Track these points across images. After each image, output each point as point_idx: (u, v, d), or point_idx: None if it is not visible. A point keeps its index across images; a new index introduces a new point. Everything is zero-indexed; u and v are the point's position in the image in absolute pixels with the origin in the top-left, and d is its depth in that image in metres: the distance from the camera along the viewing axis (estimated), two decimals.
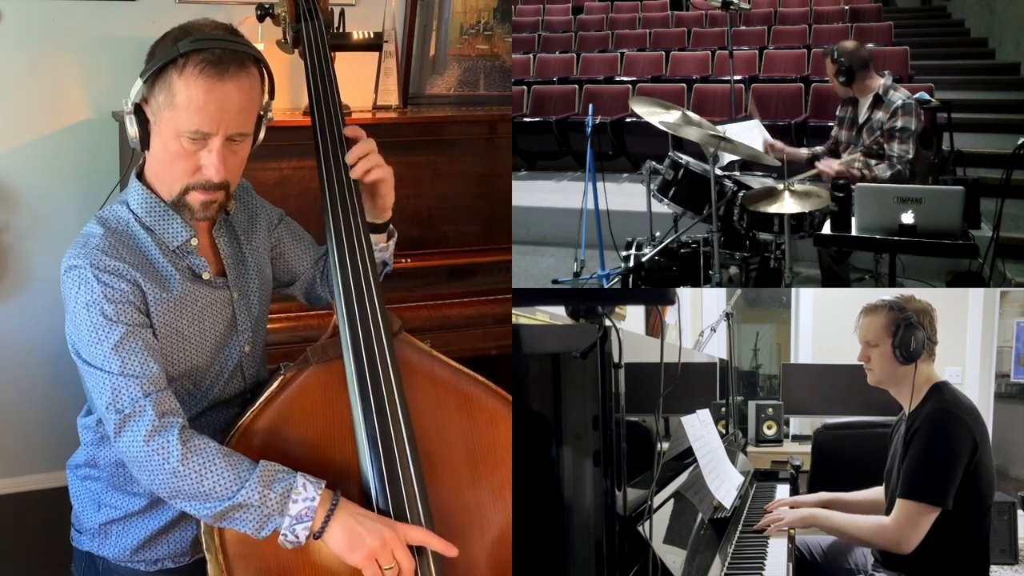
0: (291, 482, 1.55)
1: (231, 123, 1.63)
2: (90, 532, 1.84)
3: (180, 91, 1.60)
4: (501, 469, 1.73)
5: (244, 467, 1.56)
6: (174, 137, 1.63)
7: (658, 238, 3.76)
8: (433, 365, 1.80)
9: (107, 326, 1.60)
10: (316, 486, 1.56)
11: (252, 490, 1.53)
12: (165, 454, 1.55)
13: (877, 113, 3.69)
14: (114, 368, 1.59)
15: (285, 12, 1.99)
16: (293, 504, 1.53)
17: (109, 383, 1.59)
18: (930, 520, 2.13)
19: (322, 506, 1.55)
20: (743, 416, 4.26)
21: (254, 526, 1.54)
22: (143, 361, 1.60)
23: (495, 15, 3.90)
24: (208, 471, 1.54)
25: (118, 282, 1.62)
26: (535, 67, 7.19)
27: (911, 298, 2.32)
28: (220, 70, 1.59)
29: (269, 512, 1.53)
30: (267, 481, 1.54)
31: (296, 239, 2.00)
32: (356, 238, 1.76)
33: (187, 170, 1.66)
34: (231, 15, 3.18)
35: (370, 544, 1.54)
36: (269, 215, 1.96)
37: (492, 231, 3.51)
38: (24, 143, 3.32)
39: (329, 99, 1.85)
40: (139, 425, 1.57)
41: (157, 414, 1.57)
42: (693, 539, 2.05)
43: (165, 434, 1.56)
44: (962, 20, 8.33)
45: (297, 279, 2.02)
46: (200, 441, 1.57)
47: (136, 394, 1.58)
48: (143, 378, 1.59)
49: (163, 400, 1.60)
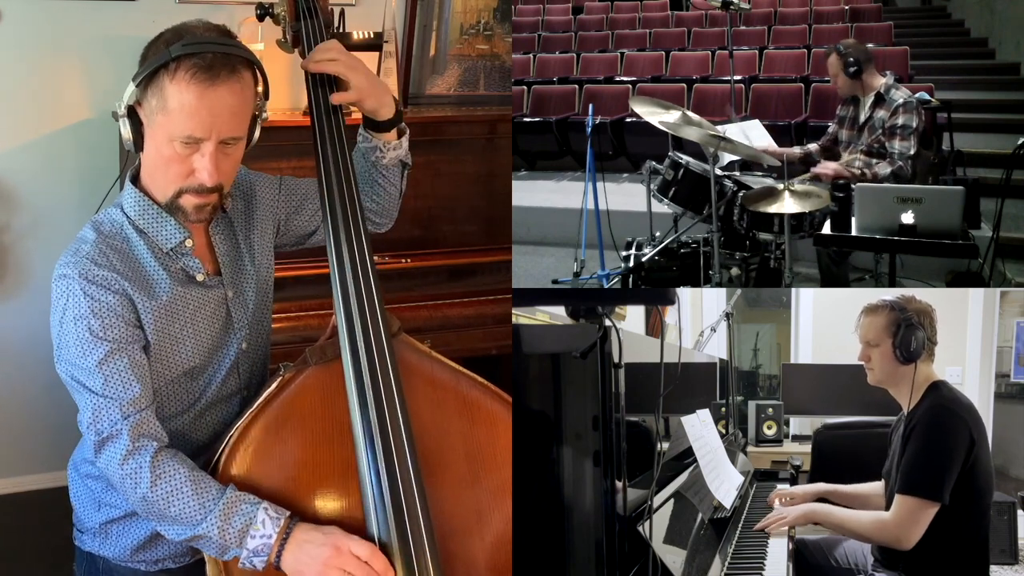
0: (251, 517, 1.57)
1: (224, 128, 1.64)
2: (91, 532, 1.84)
3: (172, 96, 1.60)
4: (500, 470, 1.73)
5: (210, 496, 1.59)
6: (167, 141, 1.63)
7: (658, 238, 3.76)
8: (432, 366, 1.79)
9: (93, 342, 1.61)
10: (275, 522, 1.58)
11: (212, 524, 1.57)
12: (137, 479, 1.59)
13: (879, 112, 3.70)
14: (96, 387, 1.61)
15: (284, 11, 1.99)
16: (251, 539, 1.57)
17: (91, 403, 1.61)
18: (929, 515, 2.13)
19: (277, 539, 1.58)
20: (743, 416, 4.26)
21: (216, 553, 1.61)
22: (125, 381, 1.62)
23: (495, 15, 3.90)
24: (175, 498, 1.58)
25: (106, 295, 1.63)
26: (535, 67, 7.19)
27: (911, 298, 2.33)
28: (211, 75, 1.59)
29: (227, 544, 1.58)
30: (228, 515, 1.57)
31: (301, 195, 1.98)
32: (355, 238, 1.76)
33: (180, 174, 1.66)
34: (232, 15, 3.20)
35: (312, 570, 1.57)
36: (269, 189, 1.94)
37: (492, 231, 3.51)
38: (24, 143, 3.32)
39: (327, 97, 1.85)
40: (115, 448, 1.60)
41: (132, 437, 1.60)
42: (693, 539, 2.05)
43: (138, 458, 1.60)
44: (962, 20, 8.34)
45: (318, 227, 2.00)
46: (171, 467, 1.60)
47: (115, 416, 1.60)
48: (123, 400, 1.61)
49: (141, 422, 1.62)
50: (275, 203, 1.94)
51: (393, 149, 1.95)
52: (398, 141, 1.95)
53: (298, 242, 2.02)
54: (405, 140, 1.97)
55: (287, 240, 1.99)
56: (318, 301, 3.03)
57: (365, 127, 1.93)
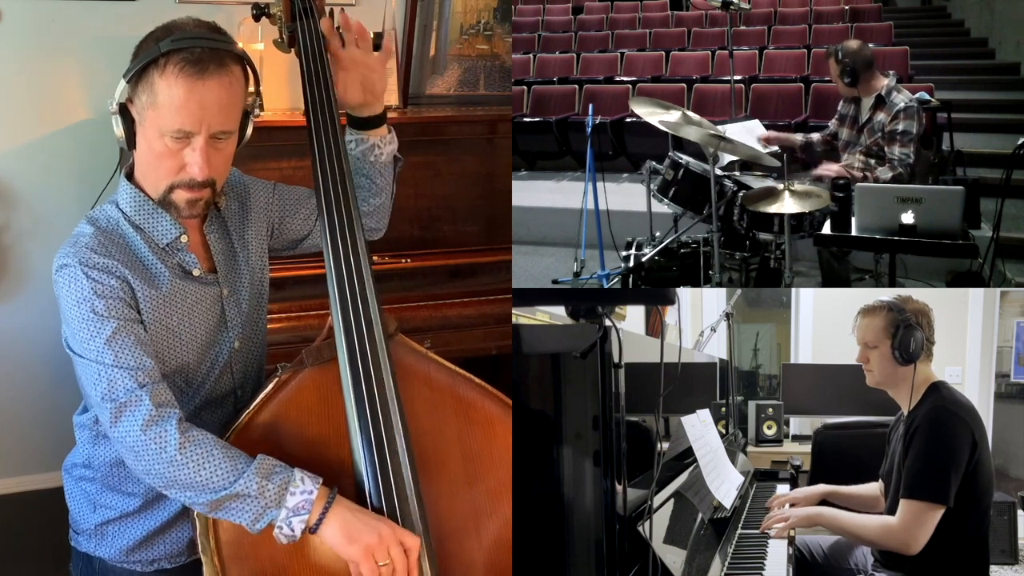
0: (289, 476, 1.56)
1: (213, 121, 1.64)
2: (87, 533, 1.84)
3: (162, 91, 1.61)
4: (497, 471, 1.73)
5: (241, 460, 1.56)
6: (158, 136, 1.64)
7: (658, 238, 3.76)
8: (429, 367, 1.79)
9: (98, 322, 1.60)
10: (314, 481, 1.56)
11: (250, 480, 1.53)
12: (162, 443, 1.55)
13: (879, 114, 3.69)
14: (108, 360, 1.59)
15: (280, 12, 1.99)
16: (291, 496, 1.54)
17: (104, 375, 1.59)
18: (935, 519, 2.13)
19: (319, 500, 1.55)
20: (743, 416, 4.25)
21: (251, 517, 1.55)
22: (136, 354, 1.61)
23: (495, 15, 3.90)
24: (206, 461, 1.55)
25: (107, 278, 1.63)
26: (535, 67, 7.19)
27: (909, 299, 2.32)
28: (200, 69, 1.60)
29: (266, 503, 1.54)
30: (265, 473, 1.55)
31: (294, 201, 1.99)
32: (351, 239, 1.76)
33: (172, 169, 1.67)
34: (231, 15, 3.19)
35: (367, 539, 1.54)
36: (262, 193, 1.95)
37: (492, 231, 3.51)
38: (24, 143, 3.32)
39: (323, 99, 1.85)
40: (136, 414, 1.57)
41: (154, 404, 1.58)
42: (693, 539, 2.05)
43: (163, 423, 1.57)
44: (962, 20, 8.33)
45: (311, 231, 2.01)
46: (198, 432, 1.58)
47: (131, 385, 1.58)
48: (138, 370, 1.60)
49: (159, 391, 1.60)
50: (269, 206, 1.95)
51: (388, 143, 1.97)
52: (390, 135, 1.97)
53: (290, 247, 2.03)
54: (393, 132, 1.99)
55: (280, 244, 2.00)
56: (318, 301, 3.03)
57: (352, 127, 1.93)
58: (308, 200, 2.00)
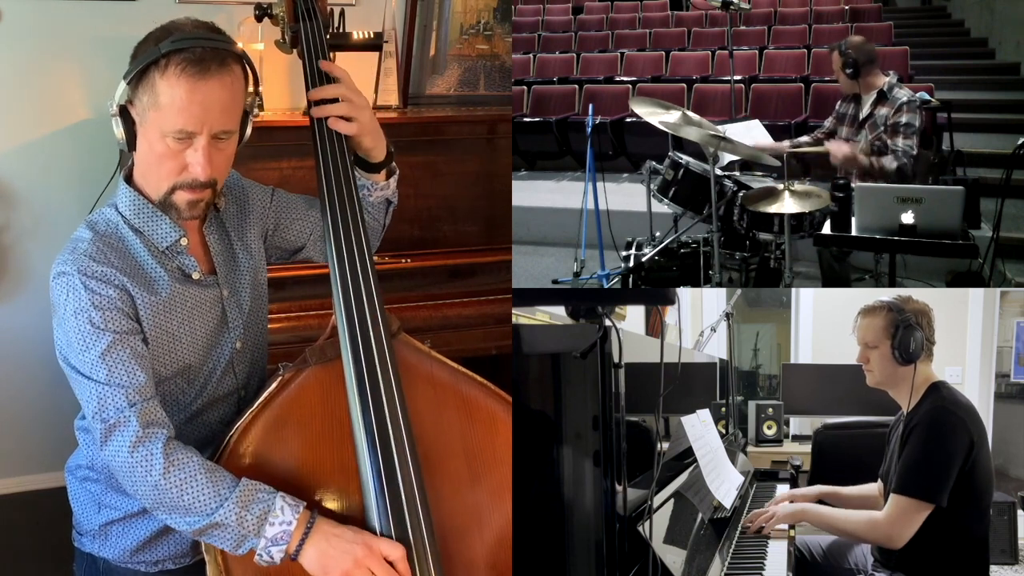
0: (270, 504, 1.56)
1: (215, 121, 1.64)
2: (91, 533, 1.84)
3: (163, 92, 1.61)
4: (500, 470, 1.73)
5: (225, 485, 1.57)
6: (159, 137, 1.64)
7: (658, 238, 3.76)
8: (432, 366, 1.79)
9: (94, 334, 1.60)
10: (294, 509, 1.57)
11: (230, 510, 1.54)
12: (148, 466, 1.57)
13: (881, 109, 3.70)
14: (100, 377, 1.59)
15: (283, 12, 1.99)
16: (270, 527, 1.55)
17: (95, 392, 1.60)
18: (922, 516, 2.13)
19: (298, 529, 1.56)
20: (743, 416, 4.25)
21: (231, 544, 1.57)
22: (130, 370, 1.61)
23: (495, 15, 3.90)
24: (188, 486, 1.56)
25: (106, 288, 1.63)
26: (535, 67, 7.19)
27: (908, 298, 2.32)
28: (201, 69, 1.60)
29: (245, 533, 1.55)
30: (245, 502, 1.55)
31: (292, 210, 1.99)
32: (355, 239, 1.76)
33: (173, 170, 1.67)
34: (231, 15, 3.20)
35: (343, 566, 1.55)
36: (260, 198, 1.95)
37: (492, 231, 3.51)
38: (23, 143, 3.32)
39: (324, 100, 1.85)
40: (124, 435, 1.58)
41: (142, 424, 1.58)
42: (693, 539, 2.05)
43: (149, 445, 1.57)
44: (962, 20, 8.34)
45: (306, 244, 2.01)
46: (183, 455, 1.58)
47: (121, 404, 1.59)
48: (129, 388, 1.60)
49: (148, 410, 1.60)
50: (265, 211, 1.95)
51: (380, 189, 1.96)
52: (386, 182, 1.96)
53: (281, 256, 2.02)
54: (393, 181, 1.99)
55: (271, 251, 1.99)
56: (318, 301, 3.03)
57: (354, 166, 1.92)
58: (307, 212, 2.00)
